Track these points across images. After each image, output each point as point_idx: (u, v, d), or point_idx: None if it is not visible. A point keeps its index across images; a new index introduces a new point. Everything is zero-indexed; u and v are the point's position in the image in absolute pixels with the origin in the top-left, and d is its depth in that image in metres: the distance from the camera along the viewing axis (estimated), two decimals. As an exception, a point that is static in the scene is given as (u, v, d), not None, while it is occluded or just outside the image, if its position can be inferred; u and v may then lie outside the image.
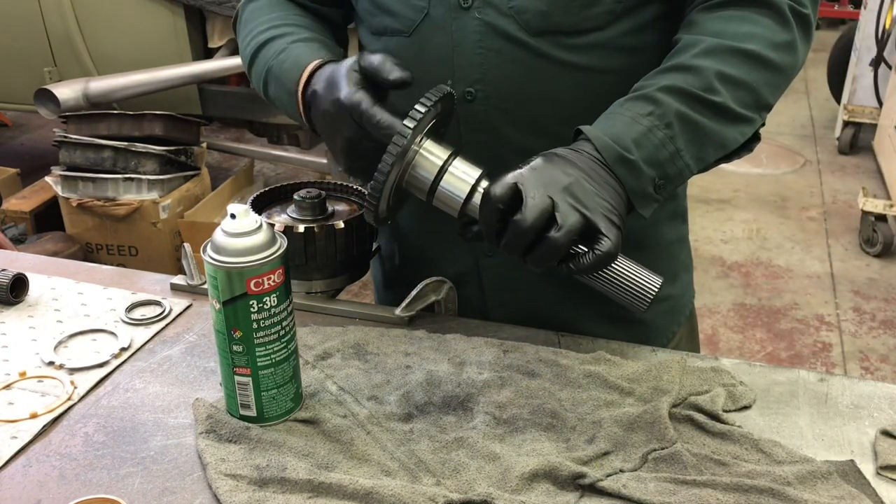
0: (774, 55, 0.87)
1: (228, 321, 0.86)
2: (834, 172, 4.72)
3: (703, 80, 0.85)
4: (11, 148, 4.96)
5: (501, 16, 0.94)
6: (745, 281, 3.59)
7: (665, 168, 0.85)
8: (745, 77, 0.86)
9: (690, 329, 1.18)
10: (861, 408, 0.95)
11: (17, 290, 1.16)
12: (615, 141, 0.83)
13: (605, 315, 1.08)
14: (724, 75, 0.85)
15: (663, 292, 1.00)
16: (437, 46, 0.98)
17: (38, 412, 0.94)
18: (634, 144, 0.83)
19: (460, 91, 0.98)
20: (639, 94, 0.86)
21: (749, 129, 0.91)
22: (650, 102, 0.85)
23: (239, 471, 0.84)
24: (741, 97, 0.87)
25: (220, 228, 0.85)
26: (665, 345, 1.14)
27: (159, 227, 3.19)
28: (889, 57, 4.63)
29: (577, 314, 1.09)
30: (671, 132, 0.85)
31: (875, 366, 3.03)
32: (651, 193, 0.85)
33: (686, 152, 0.86)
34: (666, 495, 0.80)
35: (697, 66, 0.85)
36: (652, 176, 0.84)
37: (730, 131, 0.88)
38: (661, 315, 1.12)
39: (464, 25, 0.96)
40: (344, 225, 1.09)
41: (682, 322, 1.17)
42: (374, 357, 1.03)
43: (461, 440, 0.88)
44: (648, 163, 0.84)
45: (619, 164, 0.83)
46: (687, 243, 1.15)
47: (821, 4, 3.81)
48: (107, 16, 3.69)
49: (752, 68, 0.86)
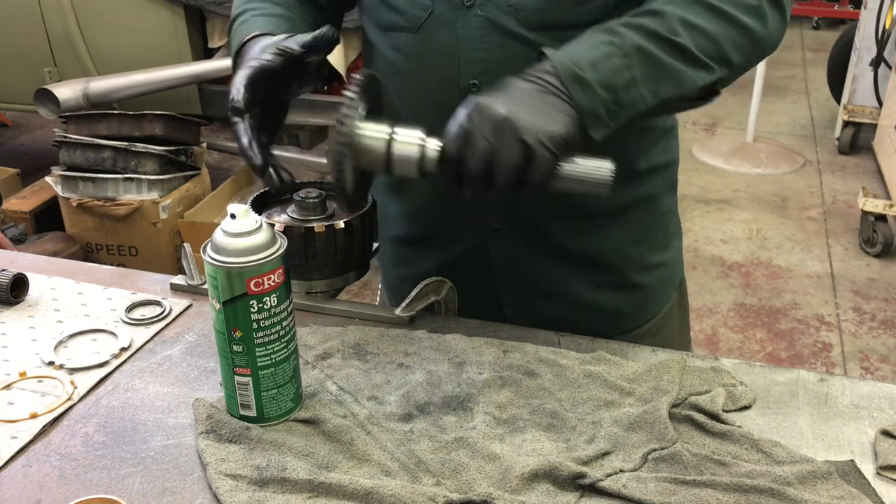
0: (740, 14, 0.91)
1: (228, 321, 0.86)
2: (834, 172, 4.73)
3: (666, 23, 0.89)
4: (11, 148, 4.96)
5: (501, 13, 0.99)
6: (745, 281, 3.59)
7: (619, 94, 0.88)
8: (708, 27, 0.90)
9: (681, 295, 1.25)
10: (861, 408, 0.95)
11: (17, 290, 1.17)
12: (572, 61, 0.87)
13: (611, 285, 1.13)
14: (687, 22, 0.89)
15: (658, 259, 1.16)
16: (442, 42, 1.03)
17: (38, 412, 0.94)
18: (590, 66, 0.87)
19: (466, 82, 1.03)
20: (602, 26, 0.91)
21: (708, 75, 0.92)
22: (611, 34, 0.89)
23: (239, 471, 0.84)
24: (702, 44, 0.90)
25: (220, 228, 0.85)
26: (661, 308, 1.20)
27: (159, 227, 3.19)
28: (889, 57, 4.63)
29: (583, 287, 1.13)
30: (629, 61, 0.88)
31: (875, 366, 3.03)
32: (602, 116, 0.88)
33: (641, 83, 0.88)
34: (666, 495, 0.80)
35: (663, 11, 0.90)
36: (605, 98, 0.87)
37: (688, 72, 0.90)
38: (657, 280, 1.18)
39: (467, 22, 1.01)
40: (344, 225, 1.09)
41: (676, 286, 1.24)
42: (374, 357, 1.03)
43: (461, 440, 0.88)
44: (602, 85, 0.87)
45: (573, 82, 0.86)
46: (676, 213, 1.22)
47: (821, 4, 3.81)
48: (107, 16, 3.69)
49: (716, 21, 0.90)
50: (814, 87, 6.23)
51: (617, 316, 1.17)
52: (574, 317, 1.13)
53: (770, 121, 5.44)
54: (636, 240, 1.15)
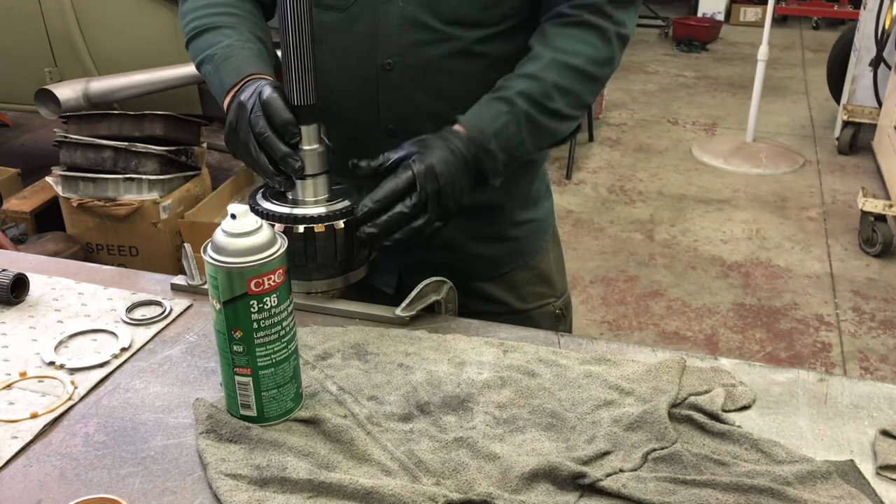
0: (598, 70, 1.17)
1: (229, 321, 0.86)
2: (833, 172, 4.73)
3: (544, 89, 1.13)
4: (12, 148, 4.96)
5: (419, 6, 1.15)
6: (744, 281, 3.59)
7: (512, 153, 1.14)
8: (573, 87, 1.15)
9: (556, 243, 1.47)
10: (861, 408, 0.95)
11: (17, 291, 1.17)
12: (481, 133, 1.11)
13: (485, 237, 1.33)
14: (558, 86, 1.14)
15: (528, 215, 1.36)
16: (364, 24, 1.18)
17: (39, 412, 0.94)
18: (493, 136, 1.11)
19: (382, 61, 1.19)
20: (501, 95, 1.13)
21: (574, 123, 1.22)
22: (507, 104, 1.12)
23: (239, 470, 0.84)
24: (570, 102, 1.16)
25: (220, 229, 0.86)
26: (536, 255, 1.40)
27: (160, 227, 3.19)
28: (888, 57, 4.63)
29: (461, 237, 1.29)
30: (520, 128, 1.13)
31: (875, 366, 3.03)
32: (500, 170, 1.14)
33: (528, 142, 1.15)
34: (666, 495, 0.81)
35: (541, 78, 1.13)
36: (503, 158, 1.13)
37: (560, 126, 1.18)
38: (530, 233, 1.38)
39: (388, 10, 1.16)
40: (344, 225, 1.09)
41: (548, 238, 1.43)
42: (374, 357, 1.03)
43: (461, 440, 0.89)
44: (502, 149, 1.12)
45: (482, 151, 1.11)
46: (546, 180, 1.43)
47: (821, 4, 3.78)
48: (107, 16, 3.69)
49: (578, 80, 1.16)
50: (813, 87, 6.23)
51: (492, 262, 1.35)
52: (455, 262, 1.27)
53: (770, 121, 5.44)
54: (509, 196, 1.31)
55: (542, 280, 1.40)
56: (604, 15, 1.15)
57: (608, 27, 1.16)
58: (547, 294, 1.41)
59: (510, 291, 1.37)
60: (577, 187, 4.52)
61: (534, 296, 1.39)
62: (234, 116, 1.09)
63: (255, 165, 1.08)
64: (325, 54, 1.17)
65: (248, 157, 1.07)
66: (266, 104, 1.05)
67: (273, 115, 1.04)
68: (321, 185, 1.10)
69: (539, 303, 1.40)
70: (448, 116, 1.14)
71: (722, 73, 6.68)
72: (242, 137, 1.07)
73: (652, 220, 4.16)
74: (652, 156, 4.97)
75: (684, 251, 3.85)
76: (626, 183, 4.58)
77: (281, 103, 1.05)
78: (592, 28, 1.15)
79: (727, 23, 8.06)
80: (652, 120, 5.58)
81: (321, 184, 1.10)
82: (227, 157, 4.56)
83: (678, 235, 4.00)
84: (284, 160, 1.05)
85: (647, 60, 6.94)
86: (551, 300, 1.42)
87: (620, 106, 5.80)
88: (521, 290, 1.38)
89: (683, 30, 7.42)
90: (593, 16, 1.15)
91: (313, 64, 1.06)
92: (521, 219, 1.35)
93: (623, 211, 4.26)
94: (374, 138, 1.21)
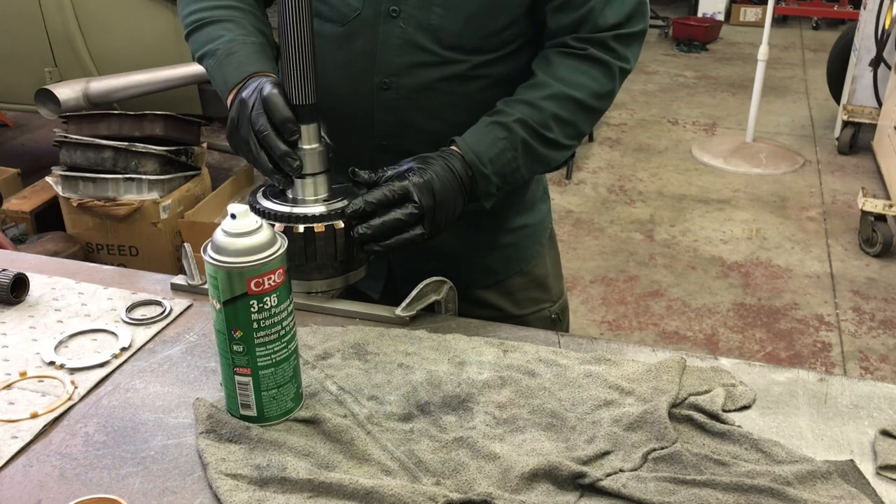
0: (595, 103, 1.18)
1: (229, 321, 0.86)
2: (833, 172, 4.73)
3: (542, 118, 1.15)
4: (12, 148, 4.96)
5: (421, 29, 1.15)
6: (744, 281, 3.59)
7: (507, 178, 1.15)
8: (571, 118, 1.17)
9: (552, 246, 1.46)
10: (861, 408, 0.95)
11: (17, 290, 1.17)
12: (477, 157, 1.12)
13: (482, 244, 1.34)
14: (557, 116, 1.15)
15: (524, 220, 1.36)
16: (364, 41, 1.18)
17: (39, 412, 0.94)
18: (489, 161, 1.12)
19: (378, 80, 1.18)
20: (499, 120, 1.14)
21: (569, 152, 1.23)
22: (505, 129, 1.13)
23: (239, 470, 0.84)
24: (567, 132, 1.18)
25: (220, 228, 0.86)
26: (532, 261, 1.39)
27: (160, 227, 3.19)
28: (888, 57, 4.63)
29: (457, 247, 1.29)
30: (516, 153, 1.14)
31: (875, 366, 3.03)
32: (493, 193, 1.15)
33: (523, 167, 1.16)
34: (666, 495, 0.81)
35: (541, 107, 1.15)
36: (497, 182, 1.14)
37: (555, 155, 1.19)
38: (526, 237, 1.38)
39: (389, 30, 1.16)
40: (344, 225, 1.09)
41: (545, 242, 1.43)
42: (374, 357, 1.03)
43: (461, 440, 0.89)
44: (497, 174, 1.14)
45: (478, 175, 1.12)
46: (543, 182, 1.43)
47: (821, 4, 3.79)
48: (107, 16, 3.69)
49: (577, 112, 1.17)
50: (813, 87, 6.23)
51: (487, 269, 1.36)
52: (452, 272, 1.24)
53: (770, 121, 5.44)
54: (503, 202, 1.28)
55: (538, 285, 1.40)
56: (609, 50, 1.16)
57: (612, 62, 1.17)
58: (543, 299, 1.41)
59: (505, 297, 1.37)
60: (577, 187, 4.52)
61: (529, 301, 1.39)
62: (236, 113, 1.09)
63: (255, 163, 1.08)
64: (321, 67, 1.16)
65: (249, 154, 1.08)
66: (266, 101, 1.05)
67: (273, 113, 1.04)
68: (321, 184, 1.10)
69: (535, 308, 1.40)
70: (443, 135, 1.15)
71: (722, 73, 6.68)
72: (243, 134, 1.07)
73: (652, 220, 4.16)
74: (652, 156, 4.97)
75: (684, 251, 3.85)
76: (626, 183, 4.59)
77: (281, 101, 1.05)
78: (597, 62, 1.16)
79: (727, 23, 8.07)
80: (652, 120, 5.58)
81: (321, 183, 1.10)
82: (227, 156, 4.56)
83: (678, 235, 4.00)
84: (283, 158, 1.05)
85: (647, 60, 6.94)
86: (547, 305, 1.41)
87: (620, 106, 5.80)
88: (516, 295, 1.38)
89: (683, 30, 7.43)
90: (599, 51, 1.16)
91: (313, 63, 1.06)
92: (515, 224, 1.36)
93: (623, 211, 4.26)
94: (367, 153, 1.21)
